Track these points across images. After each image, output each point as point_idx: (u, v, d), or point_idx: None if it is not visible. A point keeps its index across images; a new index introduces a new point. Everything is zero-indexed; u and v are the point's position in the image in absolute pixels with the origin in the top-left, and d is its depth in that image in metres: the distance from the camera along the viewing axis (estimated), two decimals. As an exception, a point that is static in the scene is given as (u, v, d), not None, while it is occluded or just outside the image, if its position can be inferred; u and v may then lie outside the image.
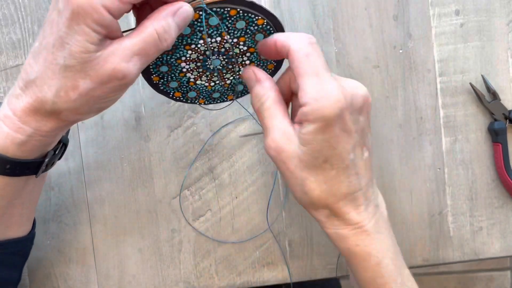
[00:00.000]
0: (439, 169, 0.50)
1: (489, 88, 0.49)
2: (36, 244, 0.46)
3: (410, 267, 0.52)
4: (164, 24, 0.31)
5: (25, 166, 0.35)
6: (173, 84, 0.40)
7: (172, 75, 0.39)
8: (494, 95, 0.49)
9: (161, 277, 0.50)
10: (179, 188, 0.50)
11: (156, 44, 0.31)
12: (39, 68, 0.31)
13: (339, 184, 0.34)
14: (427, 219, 0.51)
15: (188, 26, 0.35)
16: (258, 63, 0.40)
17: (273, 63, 0.41)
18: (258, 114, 0.36)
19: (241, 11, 0.35)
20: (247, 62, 0.40)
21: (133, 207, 0.50)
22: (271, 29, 0.37)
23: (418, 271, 0.46)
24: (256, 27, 0.37)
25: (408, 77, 0.50)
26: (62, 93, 0.31)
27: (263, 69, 0.41)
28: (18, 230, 0.42)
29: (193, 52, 0.37)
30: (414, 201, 0.50)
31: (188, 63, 0.38)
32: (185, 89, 0.41)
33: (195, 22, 0.35)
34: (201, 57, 0.38)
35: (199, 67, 0.39)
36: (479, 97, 0.49)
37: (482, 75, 0.50)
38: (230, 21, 0.35)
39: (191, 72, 0.39)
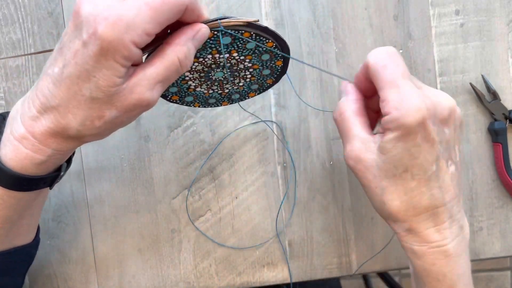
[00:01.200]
0: (439, 169, 0.50)
1: (489, 88, 0.49)
2: (36, 244, 0.46)
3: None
4: (185, 50, 0.31)
5: (42, 181, 0.35)
6: (173, 89, 0.41)
7: (174, 82, 0.40)
8: (494, 95, 0.49)
9: (161, 277, 0.50)
10: (179, 188, 0.50)
11: (178, 71, 0.32)
12: (62, 96, 0.30)
13: (420, 195, 0.33)
14: (427, 219, 0.51)
15: None
16: (259, 77, 0.42)
17: (272, 78, 0.42)
18: (338, 125, 0.36)
19: (254, 34, 0.37)
20: (249, 76, 0.41)
21: (133, 207, 0.50)
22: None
23: (418, 271, 0.46)
24: (264, 48, 0.38)
25: (408, 77, 0.50)
26: (87, 122, 0.31)
27: (262, 83, 0.43)
28: (24, 238, 0.41)
29: (199, 64, 0.38)
30: (414, 201, 0.50)
31: (192, 73, 0.39)
32: (183, 94, 0.42)
33: (208, 40, 0.36)
34: (206, 69, 0.39)
35: (202, 77, 0.40)
36: (479, 97, 0.49)
37: (482, 75, 0.50)
38: (242, 41, 0.37)
39: (193, 80, 0.40)
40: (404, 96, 0.31)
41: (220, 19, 0.34)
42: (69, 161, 0.38)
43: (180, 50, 0.31)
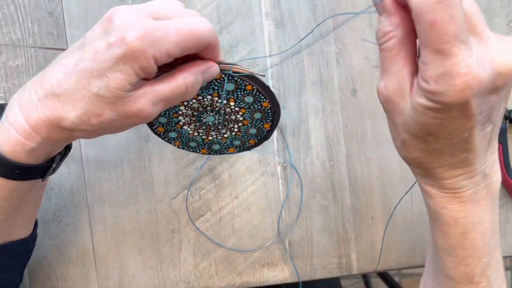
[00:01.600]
0: (439, 169, 0.50)
1: (489, 88, 0.49)
2: (36, 244, 0.46)
3: (410, 267, 0.52)
4: (194, 80, 0.33)
5: (34, 171, 0.36)
6: (162, 120, 0.42)
7: (167, 112, 0.41)
8: (494, 95, 0.49)
9: (161, 277, 0.50)
10: (179, 188, 0.50)
11: (182, 96, 0.33)
12: (69, 86, 0.31)
13: (441, 156, 0.30)
14: (427, 219, 0.50)
15: None
16: (244, 134, 0.43)
17: (256, 139, 0.44)
18: (380, 51, 0.30)
19: (255, 89, 0.39)
20: (235, 130, 0.43)
21: (133, 207, 0.50)
22: (270, 113, 0.42)
23: (418, 271, 0.46)
24: (259, 106, 0.41)
25: (408, 77, 0.50)
26: (84, 117, 0.32)
27: (245, 141, 0.44)
28: (20, 232, 0.42)
29: (197, 102, 0.40)
30: (414, 201, 0.50)
31: (187, 109, 0.41)
32: (170, 127, 0.43)
33: (214, 80, 0.38)
34: (201, 109, 0.41)
35: (194, 116, 0.42)
36: (479, 97, 0.49)
37: (482, 75, 0.50)
38: (242, 92, 0.39)
39: (184, 116, 0.42)
40: (449, 70, 0.25)
41: (232, 64, 0.36)
42: (64, 154, 0.39)
43: (190, 78, 0.33)
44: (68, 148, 0.40)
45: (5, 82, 0.49)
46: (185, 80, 0.33)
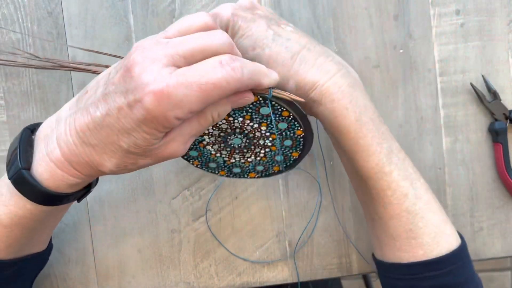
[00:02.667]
0: (440, 169, 0.50)
1: (489, 88, 0.49)
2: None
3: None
4: (222, 111, 0.32)
5: (73, 197, 0.36)
6: (193, 153, 0.41)
7: (193, 144, 0.40)
8: (494, 95, 0.49)
9: (161, 277, 0.50)
10: (179, 188, 0.50)
11: (209, 125, 0.33)
12: (101, 139, 0.31)
13: (278, 54, 0.36)
14: (427, 219, 0.50)
15: None
16: (269, 160, 0.42)
17: (281, 166, 0.43)
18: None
19: (291, 116, 0.37)
20: (261, 155, 0.41)
21: (133, 207, 0.50)
22: (301, 141, 0.40)
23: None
24: (292, 134, 0.39)
25: (408, 77, 0.50)
26: (121, 165, 0.32)
27: (268, 167, 0.43)
28: (41, 247, 0.43)
29: (226, 123, 0.38)
30: (414, 201, 0.50)
31: (214, 128, 0.39)
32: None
33: (250, 104, 0.36)
34: (229, 130, 0.39)
35: (221, 138, 0.40)
36: (479, 97, 0.49)
37: (482, 75, 0.50)
38: (277, 118, 0.37)
39: (209, 136, 0.40)
40: (216, 9, 0.38)
41: (272, 88, 0.34)
42: (97, 179, 0.39)
43: (217, 110, 0.32)
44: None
45: (5, 82, 0.49)
46: (212, 112, 0.32)
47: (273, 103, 0.35)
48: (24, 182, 0.33)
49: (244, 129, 0.38)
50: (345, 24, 0.49)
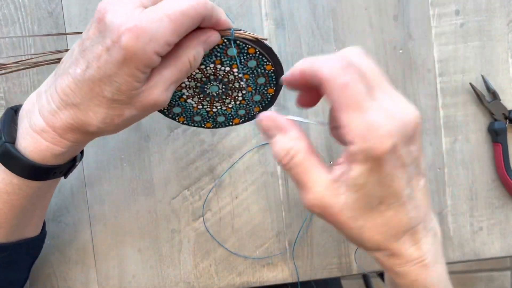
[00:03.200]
0: (439, 169, 0.50)
1: (489, 88, 0.49)
2: (36, 244, 0.46)
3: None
4: (195, 53, 0.33)
5: (59, 170, 0.37)
6: (177, 110, 0.42)
7: (174, 100, 0.41)
8: (494, 95, 0.49)
9: (161, 277, 0.50)
10: (179, 188, 0.50)
11: (187, 72, 0.34)
12: (84, 95, 0.32)
13: (399, 223, 0.30)
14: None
15: None
16: (248, 102, 0.42)
17: (260, 106, 0.43)
18: (288, 171, 0.30)
19: (258, 52, 0.38)
20: (240, 98, 0.42)
21: (133, 207, 0.50)
22: (274, 76, 0.40)
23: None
24: (262, 70, 0.40)
25: (408, 77, 0.50)
26: (108, 120, 0.33)
27: (249, 110, 0.43)
28: (33, 230, 0.43)
29: (200, 72, 0.39)
30: (414, 201, 0.50)
31: (190, 80, 0.40)
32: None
33: (216, 47, 0.37)
34: (204, 79, 0.40)
35: (197, 87, 0.41)
36: (479, 97, 0.49)
37: (482, 75, 0.50)
38: (244, 57, 0.38)
39: (187, 89, 0.41)
40: (370, 121, 0.27)
41: (234, 29, 0.36)
42: (82, 152, 0.40)
43: (191, 53, 0.33)
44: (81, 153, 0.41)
45: (5, 82, 0.49)
46: (188, 56, 0.33)
47: (238, 42, 0.37)
48: (9, 156, 0.34)
49: (218, 75, 0.40)
50: (345, 24, 0.49)
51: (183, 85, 0.40)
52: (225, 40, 0.36)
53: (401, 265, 0.32)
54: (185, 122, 0.44)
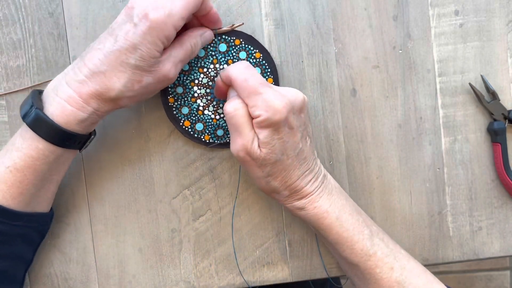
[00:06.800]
0: (439, 169, 0.51)
1: (488, 88, 0.49)
2: (36, 243, 0.47)
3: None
4: (195, 41, 0.44)
5: (78, 139, 0.42)
6: (185, 110, 0.47)
7: (185, 98, 0.46)
8: (493, 95, 0.49)
9: (161, 277, 0.51)
10: (179, 188, 0.50)
11: (190, 55, 0.44)
12: (111, 63, 0.39)
13: (295, 169, 0.42)
14: (426, 219, 0.51)
15: (203, 48, 0.46)
16: None
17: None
18: (231, 118, 0.40)
19: (243, 42, 0.46)
20: None
21: (133, 207, 0.50)
22: (266, 64, 0.47)
23: (418, 271, 0.46)
24: (254, 60, 0.46)
25: (407, 77, 0.50)
26: (129, 84, 0.40)
27: None
28: (44, 206, 0.45)
29: (205, 76, 0.46)
30: (413, 201, 0.51)
31: (199, 87, 0.47)
32: (194, 118, 0.47)
33: (209, 46, 0.46)
34: (210, 83, 0.47)
35: (208, 94, 0.46)
36: (478, 97, 0.49)
37: (481, 75, 0.50)
38: (235, 50, 0.46)
39: (201, 98, 0.47)
40: (268, 99, 0.39)
41: (218, 28, 0.45)
42: (95, 132, 0.45)
43: (193, 40, 0.43)
44: (94, 130, 0.45)
45: (6, 82, 0.49)
46: (190, 42, 0.43)
47: (224, 36, 0.46)
48: (39, 120, 0.39)
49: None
50: (345, 24, 0.50)
51: (196, 95, 0.46)
52: (214, 39, 0.45)
53: (299, 200, 0.43)
54: (210, 140, 0.48)
